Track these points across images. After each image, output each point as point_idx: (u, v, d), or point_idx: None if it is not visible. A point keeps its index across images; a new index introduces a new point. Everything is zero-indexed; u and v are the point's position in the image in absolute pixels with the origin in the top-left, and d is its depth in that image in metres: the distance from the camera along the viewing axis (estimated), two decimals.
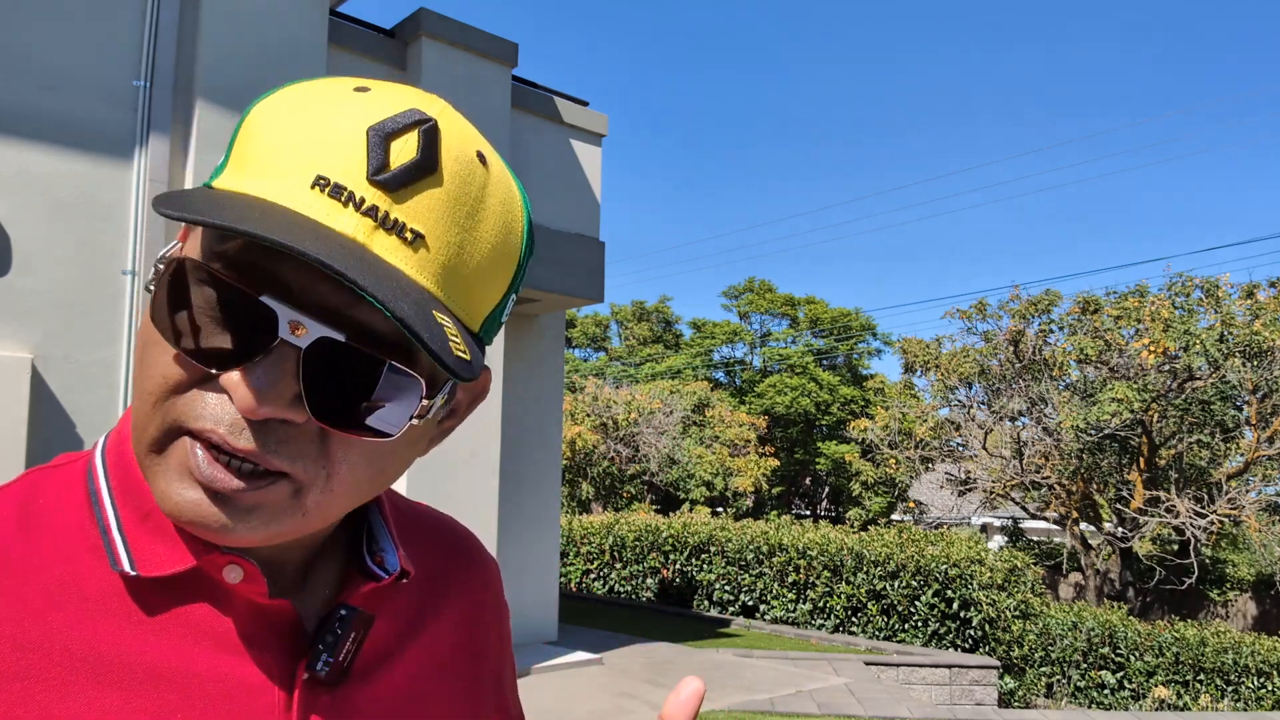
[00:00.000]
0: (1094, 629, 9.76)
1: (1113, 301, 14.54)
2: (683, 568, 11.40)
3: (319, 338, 0.45)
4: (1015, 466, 14.85)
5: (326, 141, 0.46)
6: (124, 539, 0.51)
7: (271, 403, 0.45)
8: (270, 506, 0.48)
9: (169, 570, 0.51)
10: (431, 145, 0.47)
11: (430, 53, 6.30)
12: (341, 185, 0.45)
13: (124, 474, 0.53)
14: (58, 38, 4.61)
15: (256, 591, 0.52)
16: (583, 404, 18.91)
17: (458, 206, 0.48)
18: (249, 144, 0.48)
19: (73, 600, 0.50)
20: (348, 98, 0.48)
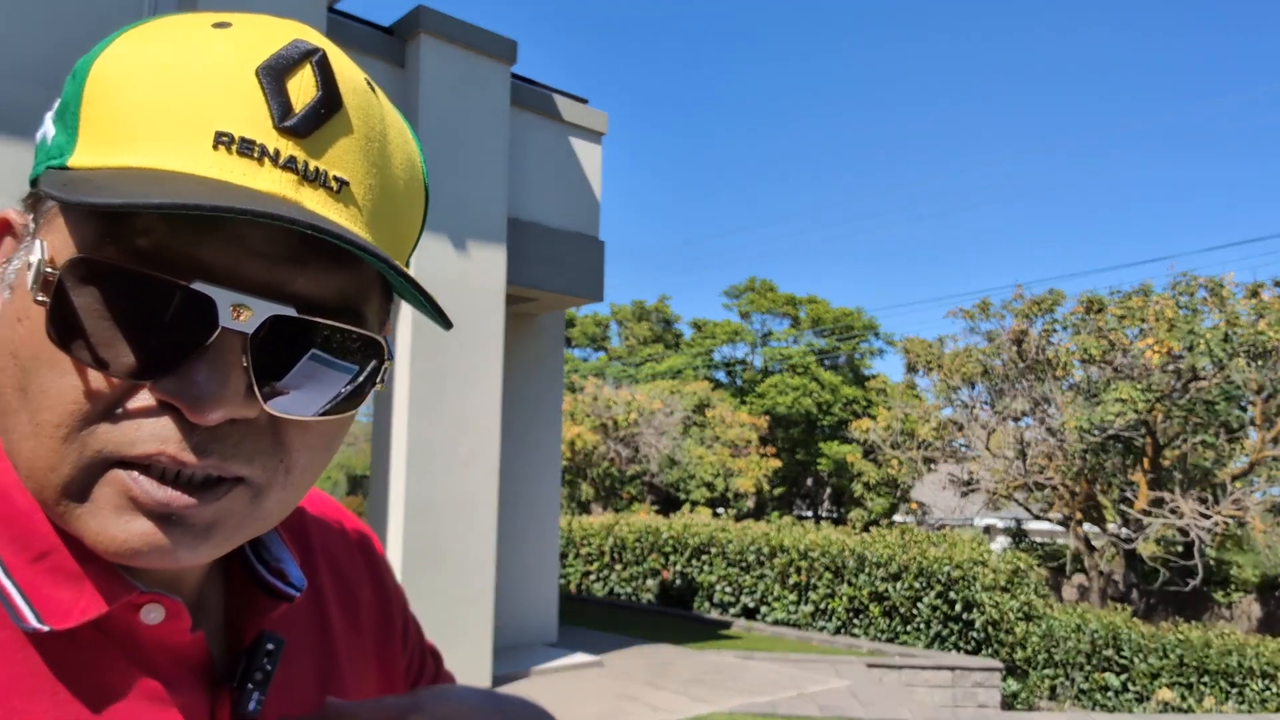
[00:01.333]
0: (1098, 631, 9.70)
1: (1117, 301, 14.49)
2: (683, 569, 11.35)
3: (266, 318, 0.40)
4: (1018, 467, 14.80)
5: (213, 90, 0.40)
6: (18, 588, 0.43)
7: (225, 403, 0.40)
8: (230, 518, 0.43)
9: (80, 620, 0.44)
10: (329, 78, 0.42)
11: (429, 50, 6.26)
12: (249, 140, 0.39)
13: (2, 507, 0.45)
14: (57, 37, 4.57)
15: (178, 629, 0.47)
16: (583, 404, 18.86)
17: (369, 144, 0.44)
18: (105, 107, 0.40)
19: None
20: (213, 36, 0.41)
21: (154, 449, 0.40)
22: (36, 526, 0.44)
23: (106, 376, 0.40)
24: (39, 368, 0.41)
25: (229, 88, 0.40)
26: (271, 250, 0.41)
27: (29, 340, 0.41)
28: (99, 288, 0.39)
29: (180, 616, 0.46)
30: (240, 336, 0.40)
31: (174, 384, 0.40)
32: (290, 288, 0.41)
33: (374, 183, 0.44)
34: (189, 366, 0.40)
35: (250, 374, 0.41)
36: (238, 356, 0.40)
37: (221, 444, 0.41)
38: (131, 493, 0.41)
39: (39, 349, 0.41)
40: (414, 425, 6.02)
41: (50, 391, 0.40)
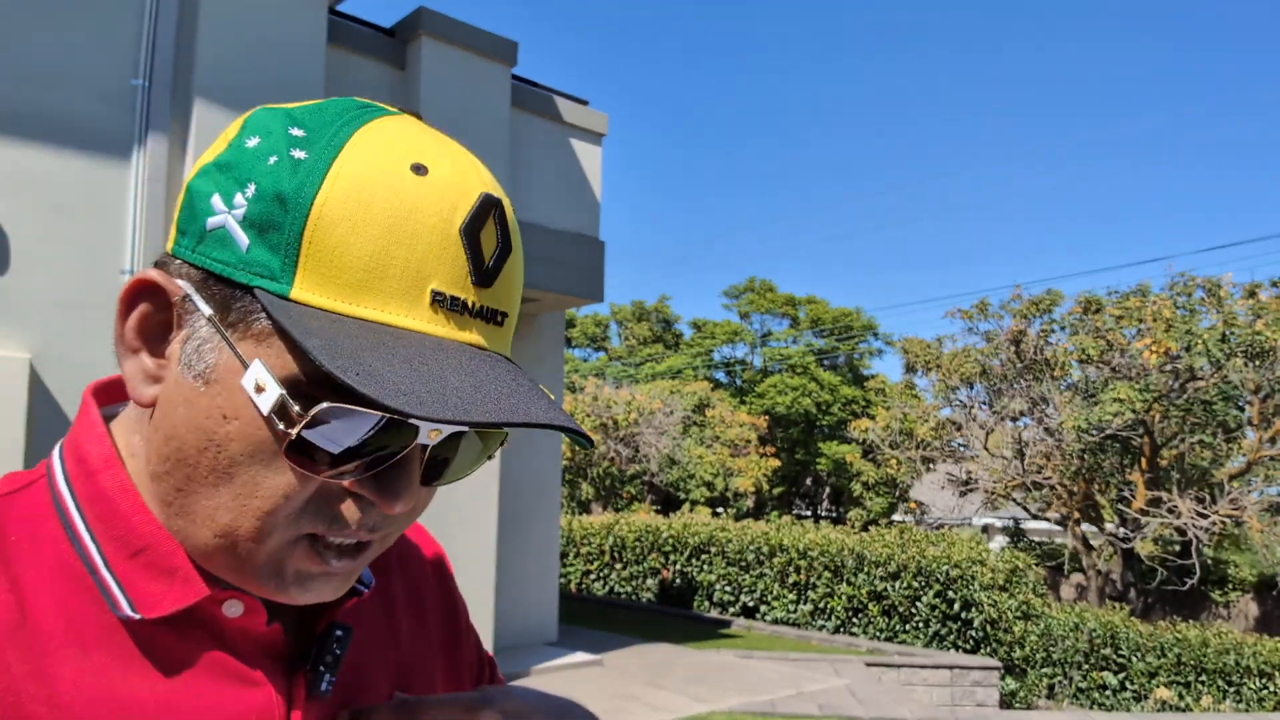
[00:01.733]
0: (1095, 630, 9.74)
1: (1114, 301, 14.52)
2: (683, 568, 11.38)
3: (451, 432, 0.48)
4: (1017, 467, 14.83)
5: (429, 251, 0.47)
6: (116, 580, 0.50)
7: (411, 498, 0.49)
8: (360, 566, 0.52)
9: (170, 610, 0.50)
10: (506, 228, 0.50)
11: (429, 52, 6.29)
12: (457, 298, 0.48)
13: (103, 508, 0.51)
14: (57, 37, 4.59)
15: (256, 622, 0.53)
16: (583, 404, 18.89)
17: (518, 272, 0.52)
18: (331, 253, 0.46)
19: (72, 646, 0.49)
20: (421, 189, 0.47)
21: (350, 531, 0.49)
22: (135, 527, 0.51)
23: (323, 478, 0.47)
24: (252, 465, 0.47)
25: (441, 249, 0.47)
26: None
27: (240, 439, 0.47)
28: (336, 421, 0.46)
29: (257, 611, 0.53)
30: (423, 449, 0.49)
31: (373, 484, 0.48)
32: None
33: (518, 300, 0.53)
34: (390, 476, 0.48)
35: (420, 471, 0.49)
36: (419, 460, 0.49)
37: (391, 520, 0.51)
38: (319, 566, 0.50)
39: (254, 450, 0.47)
40: None
41: (264, 485, 0.47)
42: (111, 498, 0.51)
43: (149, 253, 4.79)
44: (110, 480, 0.51)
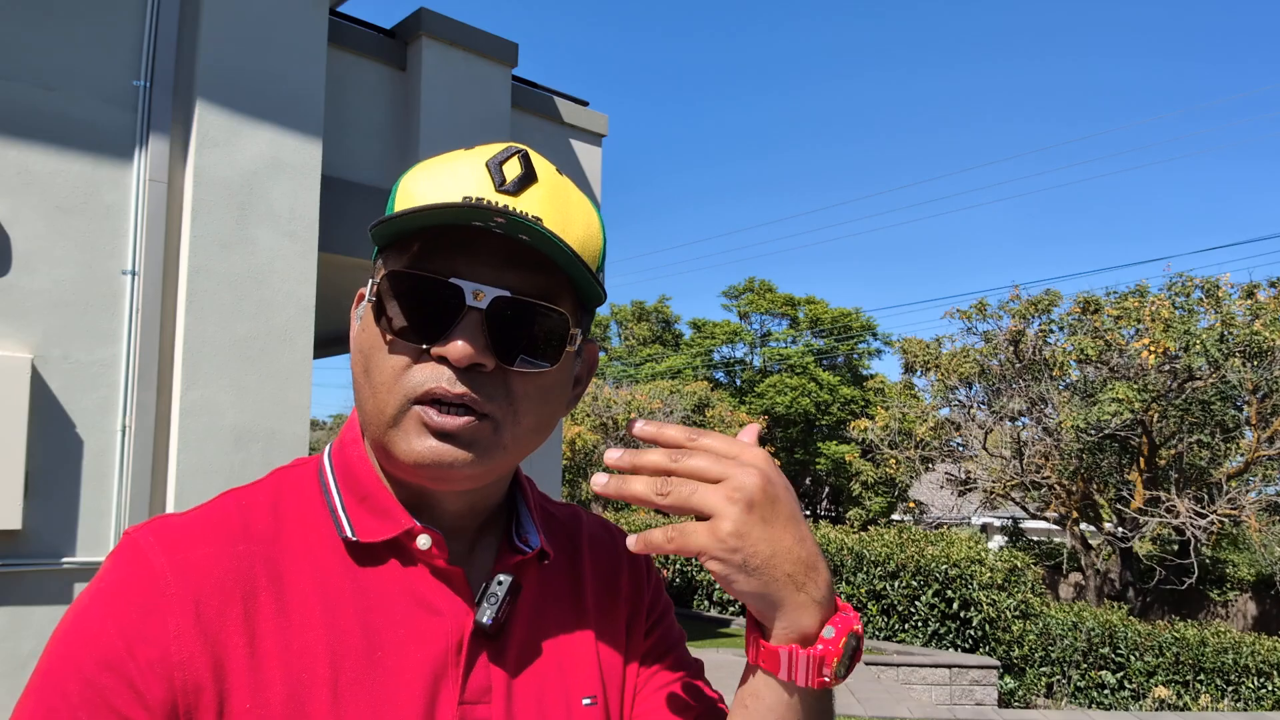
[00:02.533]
0: (1094, 629, 9.75)
1: (1113, 301, 14.53)
2: (682, 568, 11.39)
3: (494, 298, 0.64)
4: (1015, 466, 14.85)
5: (461, 176, 0.67)
6: (346, 515, 0.70)
7: (471, 351, 0.63)
8: (482, 441, 0.66)
9: (380, 537, 0.69)
10: (529, 163, 0.69)
11: (430, 53, 6.31)
12: (482, 198, 0.65)
13: (345, 470, 0.73)
14: (57, 37, 4.61)
15: (439, 556, 0.69)
16: (583, 404, 18.91)
17: (556, 198, 0.69)
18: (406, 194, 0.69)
19: (310, 560, 0.68)
20: (465, 154, 0.70)
21: (433, 385, 0.64)
22: (363, 480, 0.71)
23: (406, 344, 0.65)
24: (373, 352, 0.67)
25: (470, 173, 0.67)
26: (495, 258, 0.66)
27: (368, 337, 0.68)
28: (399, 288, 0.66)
29: (441, 547, 0.69)
30: (480, 312, 0.64)
31: (443, 343, 0.64)
32: (507, 281, 0.66)
33: (559, 219, 0.68)
34: (452, 333, 0.64)
35: (486, 336, 0.65)
36: (480, 326, 0.64)
37: (471, 383, 0.65)
38: (423, 418, 0.65)
39: (373, 340, 0.68)
40: None
41: (380, 364, 0.67)
42: (351, 463, 0.72)
43: (150, 253, 4.80)
44: (354, 452, 0.73)
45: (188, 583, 0.63)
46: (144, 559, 0.64)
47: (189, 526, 0.67)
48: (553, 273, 0.67)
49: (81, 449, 4.54)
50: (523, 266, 0.66)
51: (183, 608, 0.62)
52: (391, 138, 6.26)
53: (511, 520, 0.77)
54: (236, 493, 0.71)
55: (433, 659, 0.67)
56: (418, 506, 0.71)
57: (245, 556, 0.66)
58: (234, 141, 5.08)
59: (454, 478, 0.66)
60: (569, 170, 7.60)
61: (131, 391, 4.68)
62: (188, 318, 4.86)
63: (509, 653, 0.71)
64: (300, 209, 5.34)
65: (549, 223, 0.66)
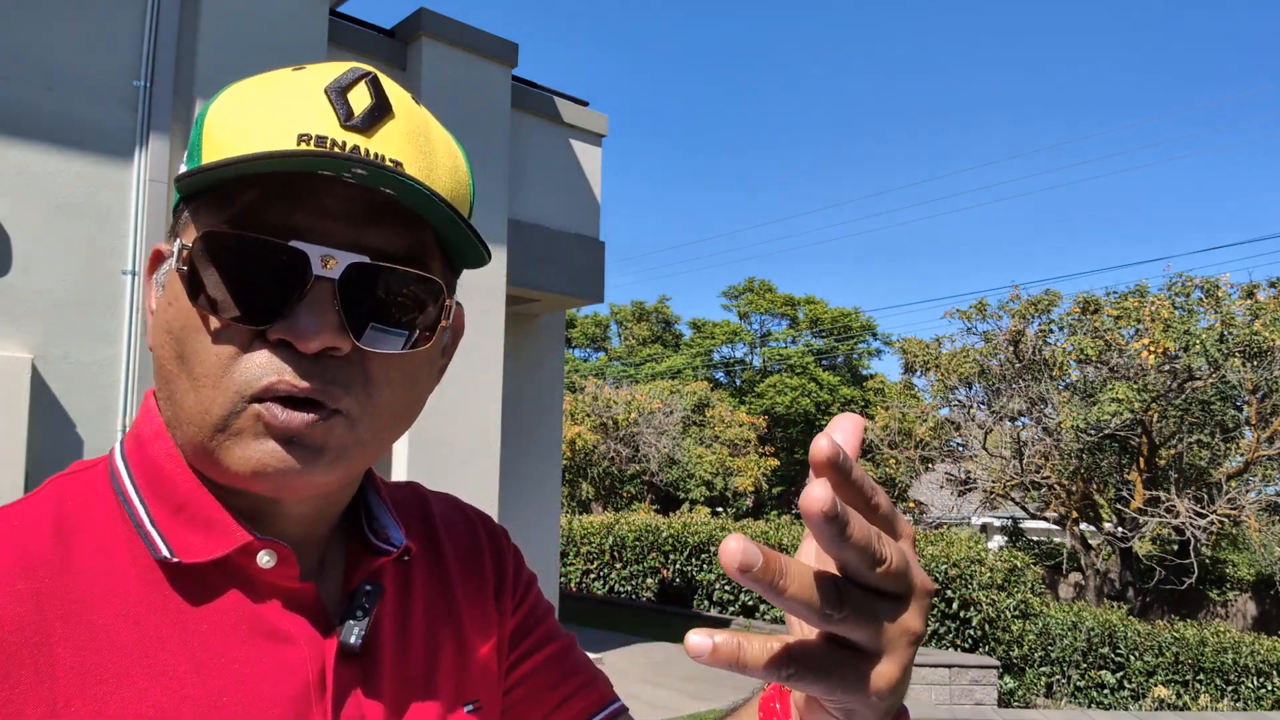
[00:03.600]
0: (1094, 629, 9.76)
1: (1113, 301, 14.53)
2: (683, 568, 11.40)
3: (348, 265, 0.51)
4: (1015, 466, 14.85)
5: (293, 108, 0.52)
6: (158, 531, 0.55)
7: (321, 332, 0.51)
8: (335, 442, 0.53)
9: (208, 556, 0.54)
10: (380, 91, 0.54)
11: (430, 53, 6.31)
12: (323, 136, 0.51)
13: (150, 473, 0.57)
14: (58, 38, 4.61)
15: (288, 575, 0.56)
16: (583, 404, 18.91)
17: (417, 137, 0.55)
18: (218, 132, 0.53)
19: (116, 597, 0.52)
20: (292, 75, 0.55)
21: (274, 379, 0.51)
22: (177, 485, 0.56)
23: (235, 327, 0.51)
24: (188, 335, 0.53)
25: (305, 104, 0.53)
26: (349, 212, 0.52)
27: (179, 315, 0.53)
28: (220, 254, 0.51)
29: (290, 563, 0.56)
30: (331, 283, 0.51)
31: (285, 325, 0.51)
32: (365, 241, 0.53)
33: (423, 164, 0.55)
34: (295, 310, 0.51)
35: (340, 313, 0.52)
36: (331, 300, 0.51)
37: (322, 371, 0.52)
38: (264, 418, 0.51)
39: (187, 319, 0.53)
40: (415, 425, 6.07)
41: (199, 351, 0.52)
42: (158, 463, 0.57)
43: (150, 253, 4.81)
44: (158, 449, 0.57)
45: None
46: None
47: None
48: (419, 228, 0.55)
49: (81, 449, 4.54)
50: (383, 223, 0.53)
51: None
52: None
53: (361, 515, 0.65)
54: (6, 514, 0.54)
55: (291, 698, 0.54)
56: (254, 514, 0.56)
57: (29, 598, 0.50)
58: None
59: (301, 487, 0.53)
60: (569, 170, 7.60)
61: (131, 391, 4.68)
62: None
63: (381, 672, 0.59)
64: None
65: (411, 167, 0.53)
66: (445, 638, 0.65)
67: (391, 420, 0.57)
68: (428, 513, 0.72)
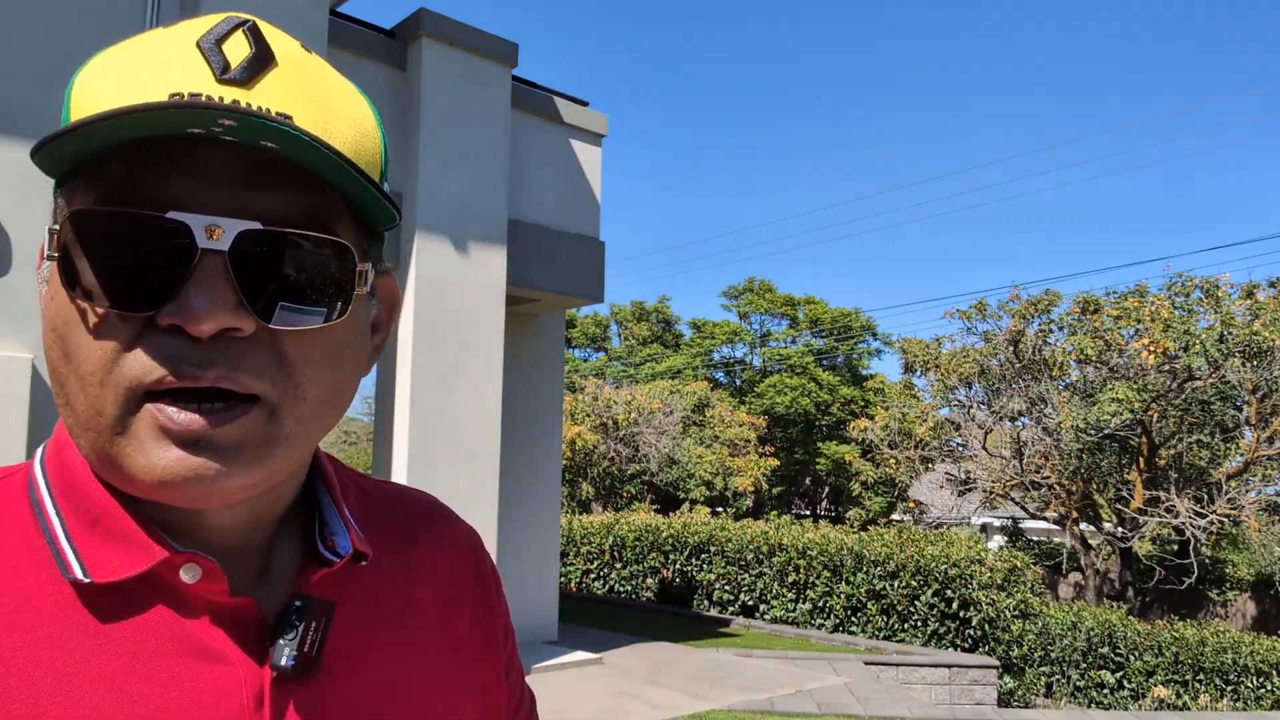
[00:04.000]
0: (1093, 629, 9.76)
1: (1112, 301, 14.53)
2: (682, 567, 11.41)
3: (237, 234, 0.45)
4: (1015, 466, 14.85)
5: (163, 65, 0.46)
6: (73, 547, 0.50)
7: (216, 312, 0.45)
8: (252, 439, 0.47)
9: (123, 575, 0.49)
10: (260, 39, 0.49)
11: (430, 53, 6.31)
12: (196, 93, 0.45)
13: (66, 482, 0.52)
14: (58, 37, 4.61)
15: (215, 590, 0.50)
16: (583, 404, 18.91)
17: (307, 85, 0.49)
18: (82, 101, 0.47)
19: (28, 618, 0.48)
20: (160, 33, 0.49)
21: (166, 370, 0.45)
22: (91, 495, 0.51)
23: (118, 316, 0.46)
24: (70, 330, 0.47)
25: (176, 60, 0.47)
26: (232, 176, 0.46)
27: (60, 309, 0.48)
28: (92, 236, 0.45)
29: (216, 578, 0.50)
30: (221, 256, 0.45)
31: (174, 308, 0.45)
32: (255, 207, 0.47)
33: (318, 116, 0.49)
34: (183, 290, 0.45)
35: (236, 289, 0.46)
36: (223, 274, 0.45)
37: (225, 357, 0.46)
38: (159, 421, 0.46)
39: (67, 313, 0.47)
40: (415, 425, 6.08)
41: (82, 346, 0.46)
42: (73, 470, 0.51)
43: None
44: (71, 455, 0.52)
45: None
46: None
47: None
48: (319, 189, 0.48)
49: None
50: (275, 185, 0.47)
51: None
52: (391, 137, 6.25)
53: (313, 520, 0.59)
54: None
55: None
56: (177, 525, 0.51)
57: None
58: None
59: (220, 495, 0.47)
60: (568, 170, 7.60)
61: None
62: None
63: (328, 696, 0.53)
64: None
65: (302, 119, 0.47)
66: (408, 657, 0.59)
67: (318, 408, 0.50)
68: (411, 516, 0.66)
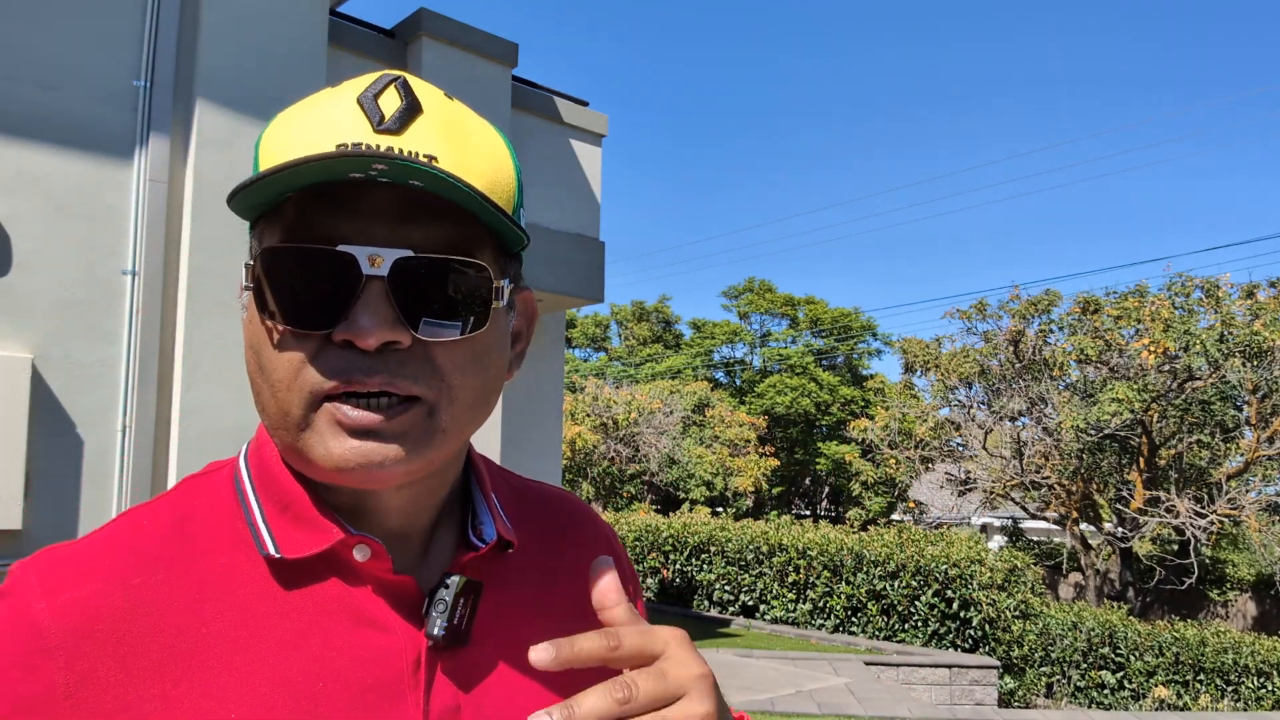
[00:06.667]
0: (1094, 629, 9.76)
1: (1113, 301, 14.53)
2: (682, 568, 11.40)
3: (394, 260, 0.55)
4: (1015, 466, 14.85)
5: (329, 120, 0.56)
6: (268, 528, 0.60)
7: (379, 329, 0.54)
8: (413, 430, 0.56)
9: (307, 553, 0.59)
10: (409, 92, 0.58)
11: (430, 53, 6.31)
12: (359, 143, 0.55)
13: (263, 474, 0.62)
14: (58, 37, 4.61)
15: (382, 568, 0.60)
16: (583, 404, 18.91)
17: (450, 129, 0.58)
18: (268, 152, 0.58)
19: (223, 588, 0.58)
20: (330, 92, 0.59)
21: (341, 378, 0.55)
22: (283, 485, 0.61)
23: (301, 334, 0.55)
24: (263, 347, 0.57)
25: (339, 115, 0.56)
26: (389, 212, 0.55)
27: (255, 331, 0.58)
28: (278, 268, 0.56)
29: (382, 557, 0.60)
30: (382, 280, 0.54)
31: (345, 326, 0.54)
32: (409, 237, 0.56)
33: (459, 157, 0.57)
34: (353, 311, 0.54)
35: (395, 308, 0.55)
36: (385, 296, 0.55)
37: (387, 365, 0.55)
38: (336, 416, 0.55)
39: (261, 333, 0.57)
40: None
41: (273, 360, 0.56)
42: (269, 464, 0.62)
43: (150, 253, 4.80)
44: (269, 451, 0.63)
45: (73, 631, 0.53)
46: (24, 605, 0.54)
47: (76, 559, 0.56)
48: (461, 220, 0.57)
49: (81, 449, 4.54)
50: (423, 218, 0.56)
51: (71, 664, 0.52)
52: None
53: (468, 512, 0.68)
54: (137, 512, 0.61)
55: (386, 684, 0.58)
56: (353, 510, 0.61)
57: (144, 590, 0.55)
58: (234, 141, 5.08)
59: (386, 477, 0.56)
60: (569, 170, 7.60)
61: (131, 391, 4.68)
62: (188, 318, 4.86)
63: (477, 664, 0.62)
64: None
65: (446, 162, 0.55)
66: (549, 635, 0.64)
67: (468, 408, 0.59)
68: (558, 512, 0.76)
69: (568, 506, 0.78)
